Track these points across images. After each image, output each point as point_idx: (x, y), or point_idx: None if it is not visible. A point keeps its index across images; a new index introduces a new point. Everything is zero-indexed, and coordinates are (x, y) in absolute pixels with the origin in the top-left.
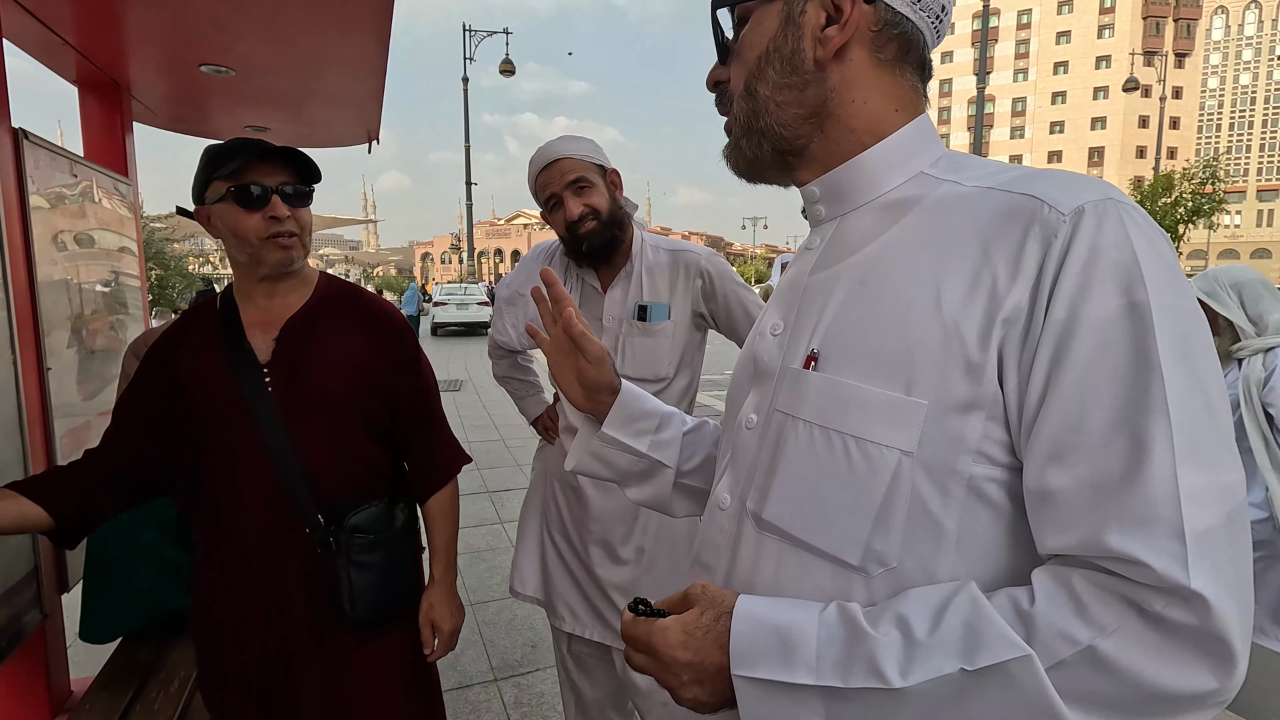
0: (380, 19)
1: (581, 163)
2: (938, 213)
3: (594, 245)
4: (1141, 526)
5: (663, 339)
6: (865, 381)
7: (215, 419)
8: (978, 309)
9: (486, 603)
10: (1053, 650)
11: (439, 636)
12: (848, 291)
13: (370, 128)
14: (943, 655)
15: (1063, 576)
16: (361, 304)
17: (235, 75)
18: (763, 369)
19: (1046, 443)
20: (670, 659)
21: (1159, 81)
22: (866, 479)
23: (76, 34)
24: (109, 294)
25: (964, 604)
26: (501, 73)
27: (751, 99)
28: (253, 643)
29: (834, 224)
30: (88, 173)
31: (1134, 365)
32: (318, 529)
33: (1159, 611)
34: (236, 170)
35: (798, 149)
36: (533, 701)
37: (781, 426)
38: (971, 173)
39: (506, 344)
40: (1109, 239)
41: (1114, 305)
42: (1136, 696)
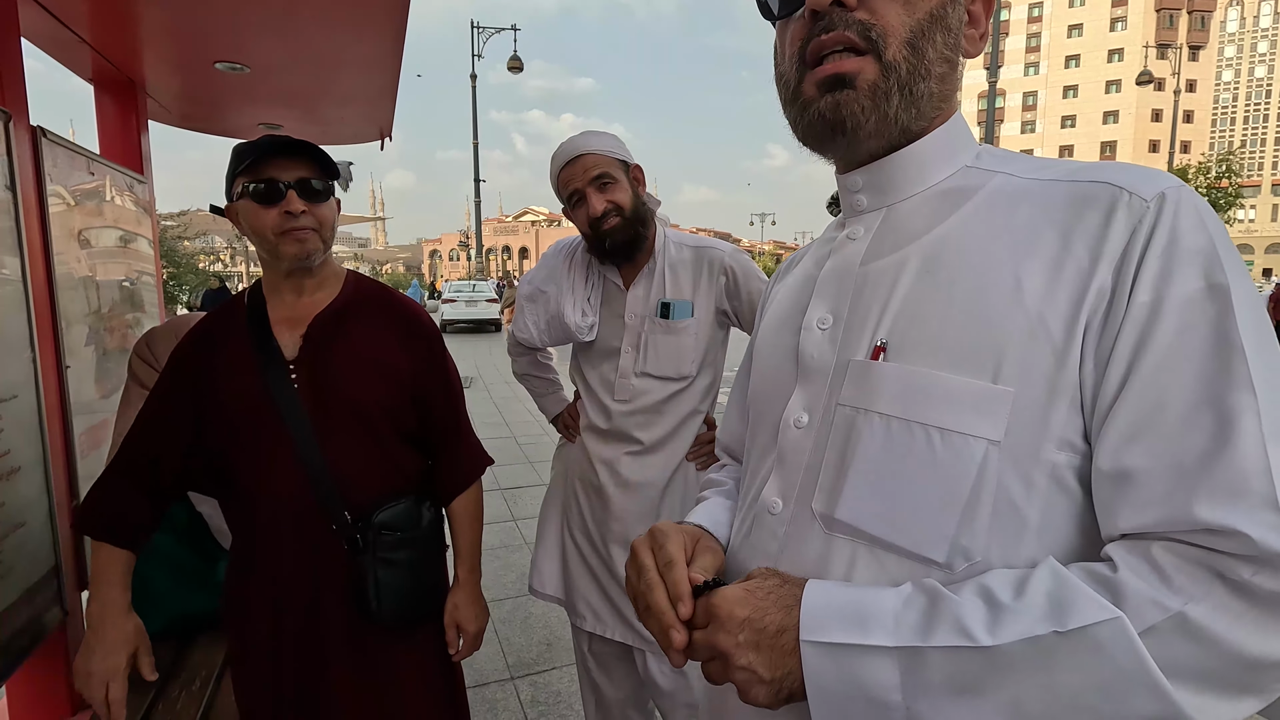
0: (396, 16)
1: (605, 158)
2: (1001, 203)
3: (616, 242)
4: (1234, 497)
5: (686, 337)
6: (947, 370)
7: (243, 414)
8: (1062, 295)
9: (501, 600)
10: (1143, 615)
11: (464, 637)
12: (914, 280)
13: (383, 125)
14: (1032, 618)
15: (1140, 549)
16: (391, 304)
17: (250, 73)
18: (813, 364)
19: (1126, 422)
20: (727, 615)
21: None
22: (952, 471)
23: (93, 32)
24: (126, 292)
25: (1045, 574)
26: (510, 69)
27: (916, 55)
28: (284, 637)
29: (880, 214)
30: (104, 171)
31: (1217, 345)
32: (345, 525)
33: (1247, 580)
34: (253, 166)
35: (919, 130)
36: (550, 700)
37: (850, 422)
38: (1019, 165)
39: (527, 341)
40: (1187, 224)
41: (1196, 287)
42: (1228, 665)
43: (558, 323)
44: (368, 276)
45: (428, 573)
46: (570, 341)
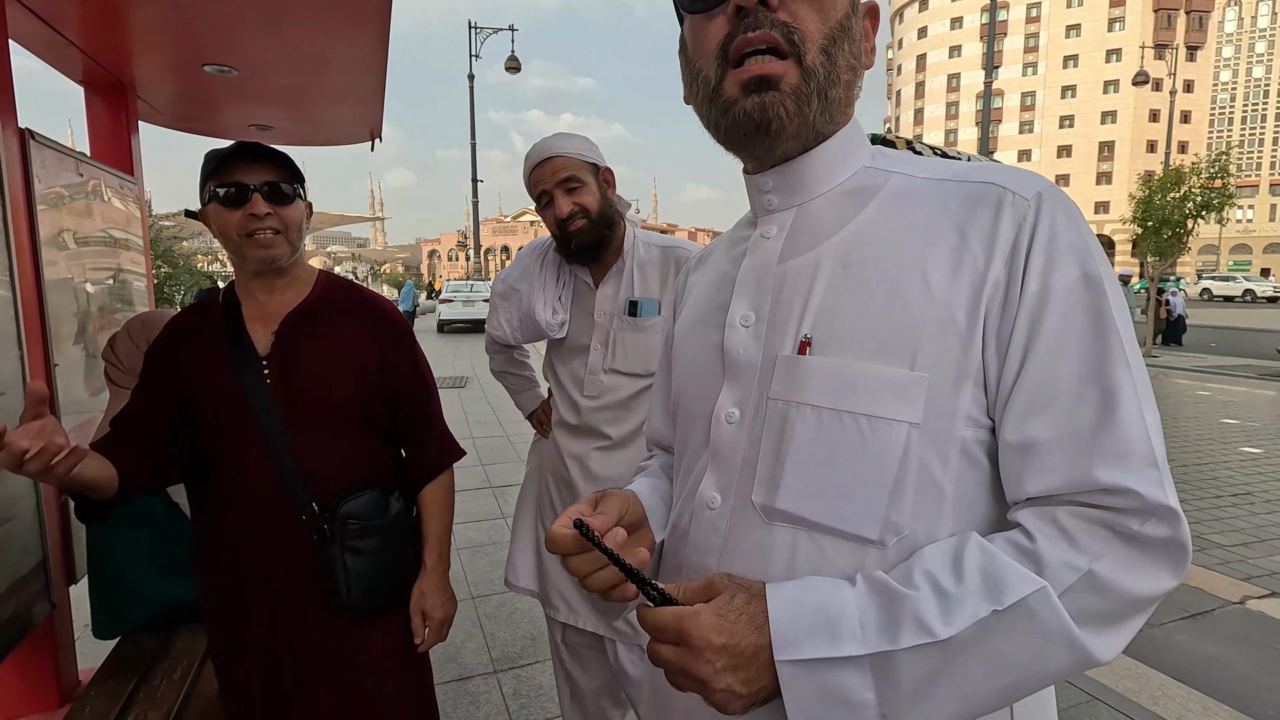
0: (379, 18)
1: (573, 161)
2: (902, 201)
3: (582, 243)
4: (1124, 460)
5: (654, 334)
6: (870, 360)
7: (215, 408)
8: (964, 287)
9: (488, 596)
10: (1061, 578)
11: (429, 625)
12: (831, 276)
13: (373, 125)
14: (975, 600)
15: (1047, 514)
16: (361, 301)
17: (238, 75)
18: (739, 361)
19: (1025, 398)
20: (704, 644)
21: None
22: (880, 454)
23: (82, 35)
24: (115, 292)
25: (975, 553)
26: (507, 70)
27: (829, 61)
28: (259, 625)
29: (790, 213)
30: (94, 172)
31: (1096, 326)
32: (313, 516)
33: (1137, 531)
34: (219, 170)
35: (824, 135)
36: (531, 693)
37: (783, 415)
38: (914, 165)
39: (501, 338)
40: (1062, 220)
41: (1075, 276)
42: (1124, 605)
43: (529, 320)
44: (338, 275)
45: (397, 562)
46: (542, 338)
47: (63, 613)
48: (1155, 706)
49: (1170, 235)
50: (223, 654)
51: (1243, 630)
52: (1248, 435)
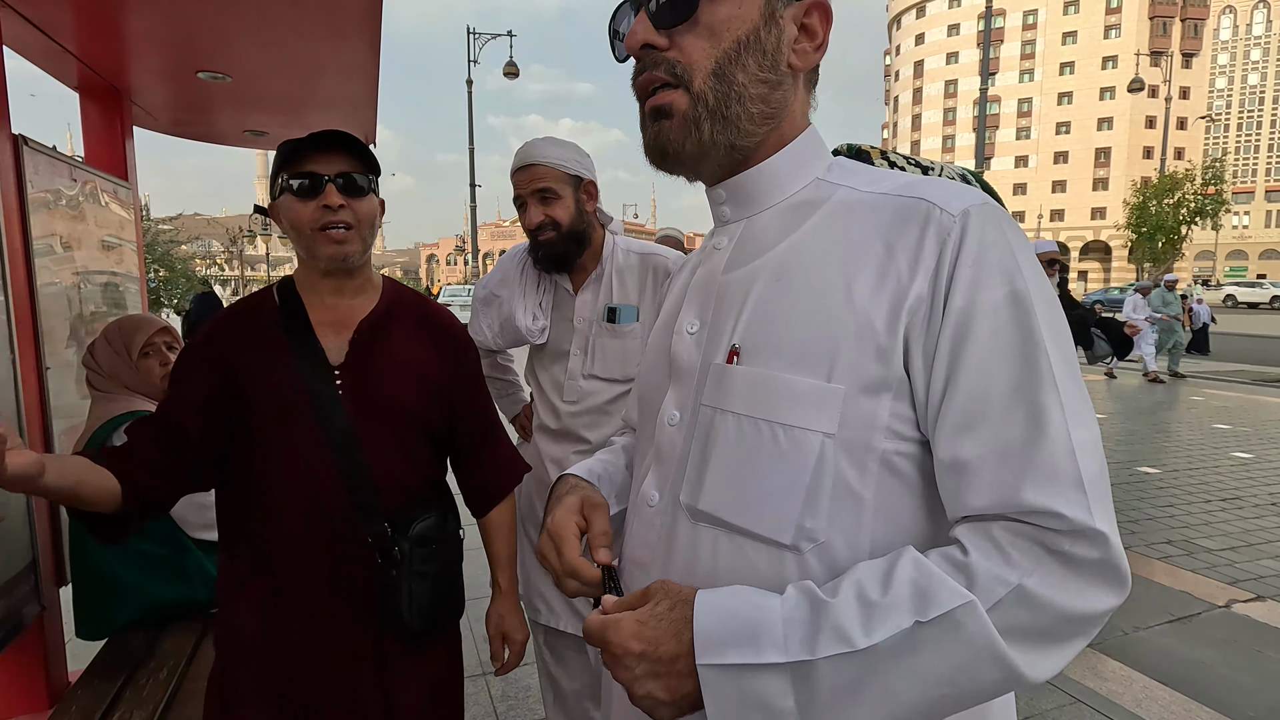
0: (370, 26)
1: (554, 171)
2: (841, 215)
3: (548, 255)
4: (1050, 482)
5: (632, 340)
6: (788, 371)
7: (278, 420)
8: (885, 300)
9: (478, 599)
10: (991, 593)
11: (510, 648)
12: (764, 288)
13: (367, 131)
14: (899, 612)
15: (983, 530)
16: (429, 313)
17: (232, 81)
18: (681, 367)
19: (955, 417)
20: (622, 650)
21: (1165, 82)
22: (794, 462)
23: (77, 42)
24: (108, 295)
25: (908, 565)
26: (505, 75)
27: (724, 83)
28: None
29: (740, 225)
30: (88, 177)
31: (1023, 344)
32: (381, 536)
33: (1067, 550)
34: (293, 159)
35: (748, 146)
36: (519, 695)
37: (710, 420)
38: (863, 178)
39: (482, 343)
40: (990, 237)
41: (1002, 293)
42: (1057, 623)
43: (510, 326)
44: (403, 284)
45: (451, 582)
46: (523, 344)
47: (52, 614)
48: (1139, 709)
49: (1165, 241)
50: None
51: (1228, 634)
52: (1239, 440)
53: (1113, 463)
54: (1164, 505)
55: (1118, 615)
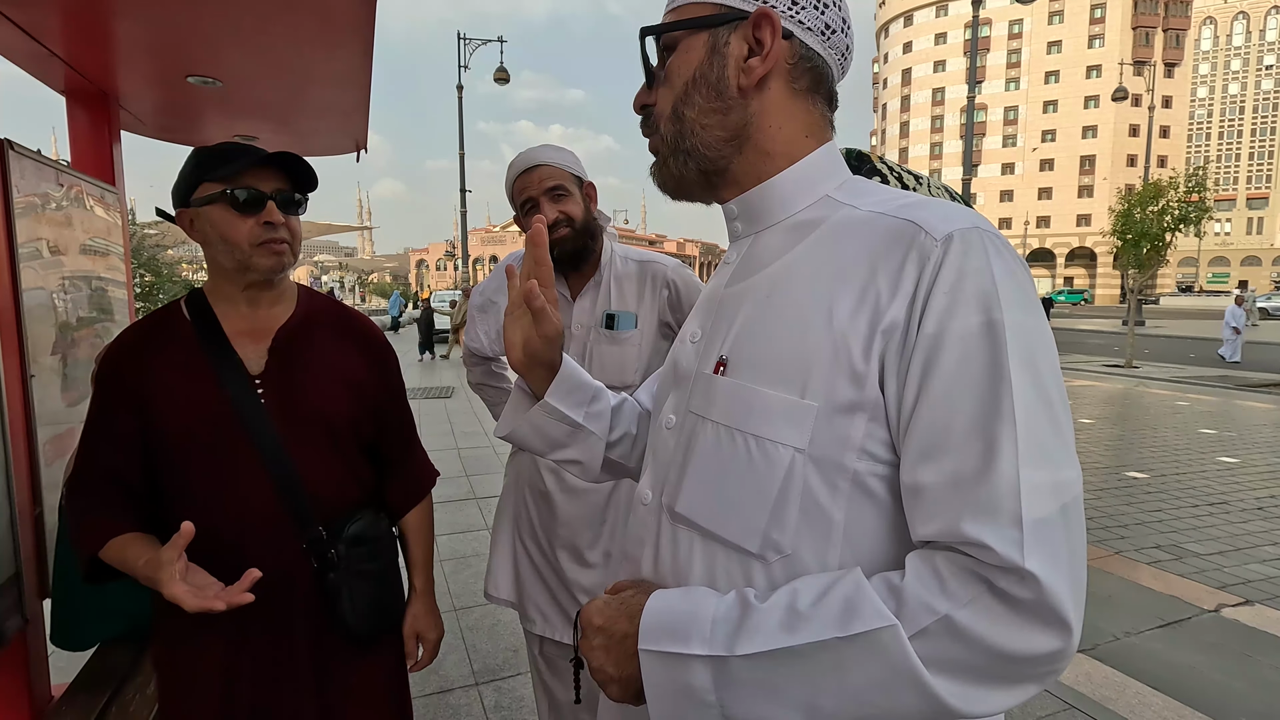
0: (363, 33)
1: (560, 171)
2: (836, 235)
3: (565, 251)
4: (988, 515)
5: (629, 347)
6: (766, 386)
7: (200, 433)
8: (862, 322)
9: (470, 608)
10: (916, 619)
11: (425, 647)
12: (754, 304)
13: (358, 138)
14: (822, 624)
15: (929, 558)
16: (348, 318)
17: (222, 86)
18: (681, 373)
19: (917, 442)
20: (588, 625)
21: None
22: (764, 473)
23: (64, 46)
24: (95, 301)
25: (848, 583)
26: (496, 81)
27: (679, 121)
28: (242, 661)
29: (749, 240)
30: (74, 181)
31: (989, 376)
32: (317, 541)
33: (1003, 588)
34: (234, 174)
35: (719, 169)
36: (513, 705)
37: (694, 426)
38: (869, 199)
39: (479, 350)
40: (973, 263)
41: (975, 322)
42: (988, 660)
43: None
44: (315, 290)
45: (391, 583)
46: None
47: (36, 628)
48: (1132, 715)
49: (1149, 248)
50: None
51: (1217, 638)
52: (1224, 445)
53: (1101, 468)
54: (1152, 510)
55: (1109, 620)
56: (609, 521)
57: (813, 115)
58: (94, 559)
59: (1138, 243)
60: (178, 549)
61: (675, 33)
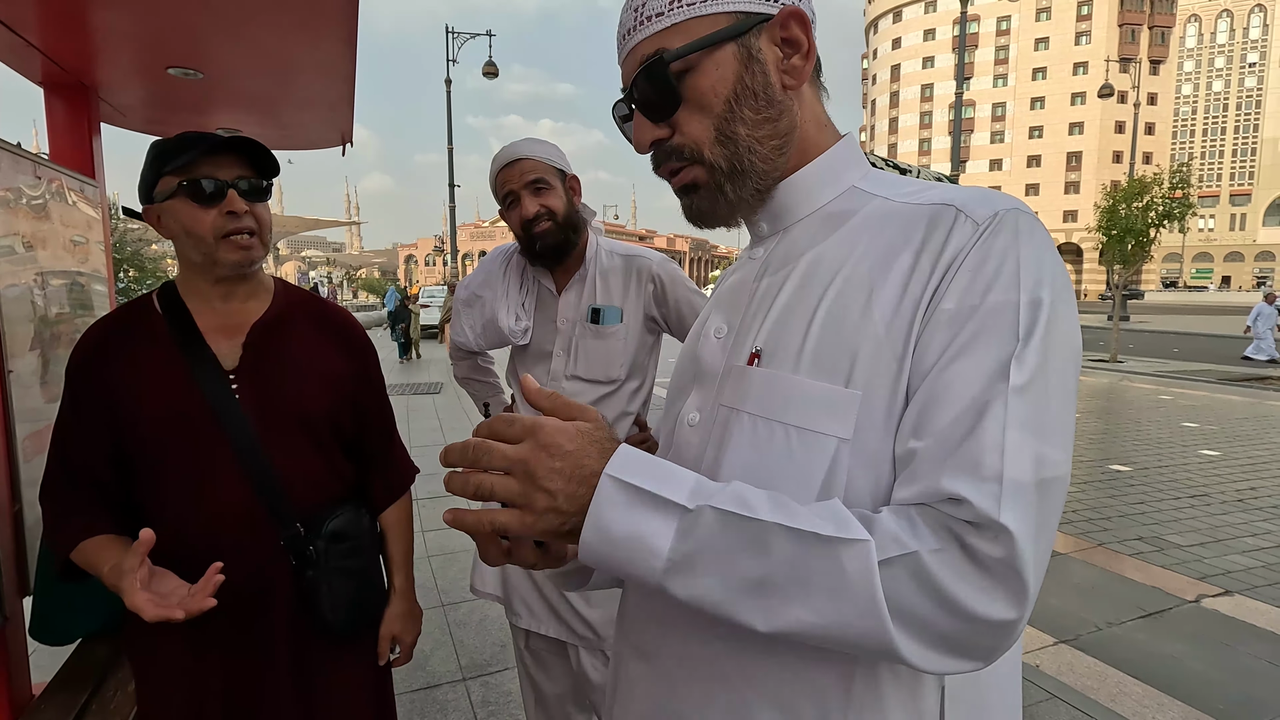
0: (345, 23)
1: (542, 164)
2: (873, 224)
3: (547, 245)
4: (967, 470)
5: (615, 341)
6: (806, 375)
7: (173, 430)
8: (906, 308)
9: (458, 604)
10: (885, 548)
11: (400, 648)
12: (789, 294)
13: (344, 130)
14: (800, 518)
15: (903, 509)
16: (327, 313)
17: (204, 78)
18: (705, 369)
19: (913, 416)
20: (552, 442)
21: (1134, 88)
22: (806, 466)
23: (41, 36)
24: (74, 296)
25: (831, 503)
26: (485, 75)
27: (730, 142)
28: (215, 661)
29: (776, 237)
30: (53, 175)
31: (1001, 354)
32: (295, 538)
33: (973, 543)
34: (189, 164)
35: (772, 183)
36: (500, 700)
37: (726, 420)
38: (899, 189)
39: (464, 344)
40: (999, 244)
41: (992, 301)
42: (942, 613)
43: (493, 327)
44: (294, 284)
45: (372, 579)
46: (505, 345)
47: (15, 626)
48: (1113, 704)
49: (1134, 244)
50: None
51: (1197, 628)
52: (1206, 438)
53: (1085, 460)
54: (1135, 502)
55: (1091, 610)
56: None
57: (821, 105)
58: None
59: (1122, 238)
60: (138, 556)
61: (691, 55)
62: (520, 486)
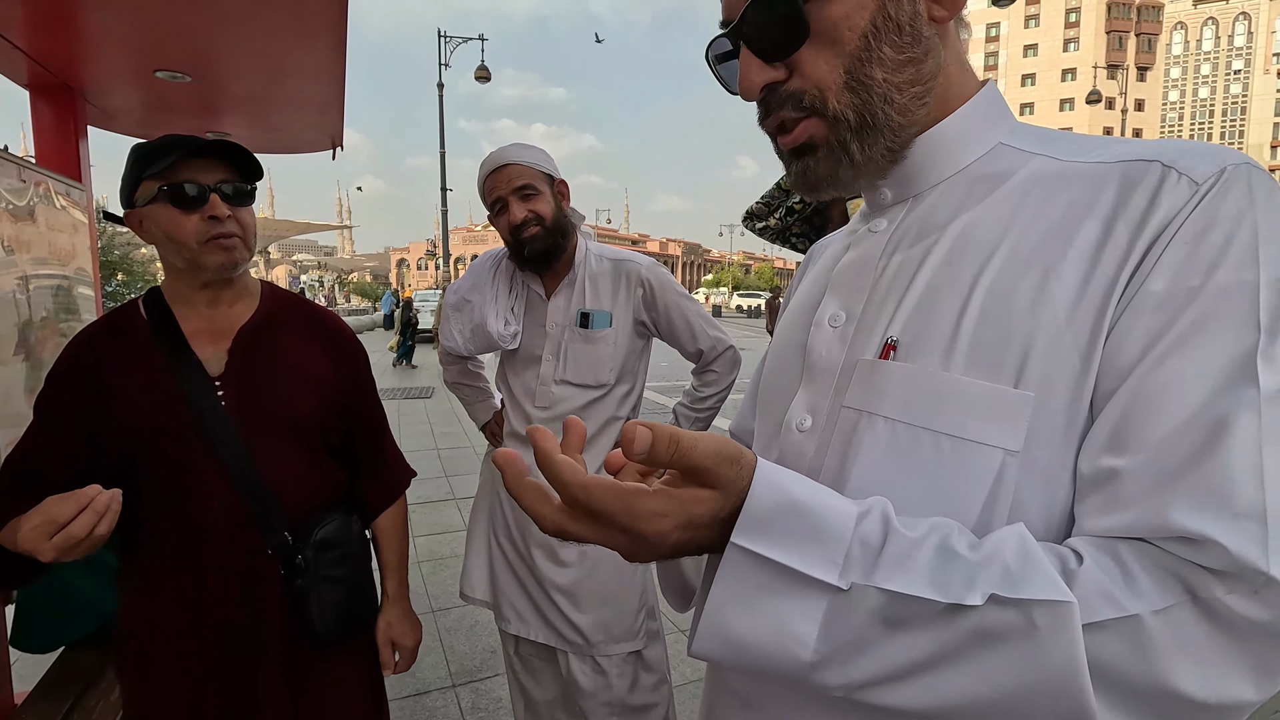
0: (335, 26)
1: (529, 170)
2: (1039, 188)
3: (535, 250)
4: (1214, 502)
5: (604, 346)
6: (961, 373)
7: (158, 436)
8: (1095, 292)
9: (448, 609)
10: (1092, 608)
11: (400, 654)
12: (933, 273)
13: (334, 134)
14: (981, 574)
15: (1108, 546)
16: (316, 317)
17: (192, 81)
18: (820, 364)
19: (1114, 422)
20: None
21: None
22: (963, 483)
23: (27, 38)
24: (60, 300)
25: (1011, 538)
26: (477, 79)
27: (863, 89)
28: (210, 672)
29: (905, 206)
30: (39, 178)
31: (1237, 346)
32: (283, 546)
33: (1219, 599)
34: (169, 168)
35: (908, 138)
36: (490, 706)
37: (853, 425)
38: (1065, 145)
39: (453, 349)
40: (1228, 208)
41: (1221, 281)
42: (1162, 693)
43: (481, 331)
44: (281, 287)
45: (362, 585)
46: (494, 349)
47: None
48: None
49: None
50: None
51: None
52: None
53: None
54: None
55: None
56: None
57: (960, 42)
58: None
59: None
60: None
61: None
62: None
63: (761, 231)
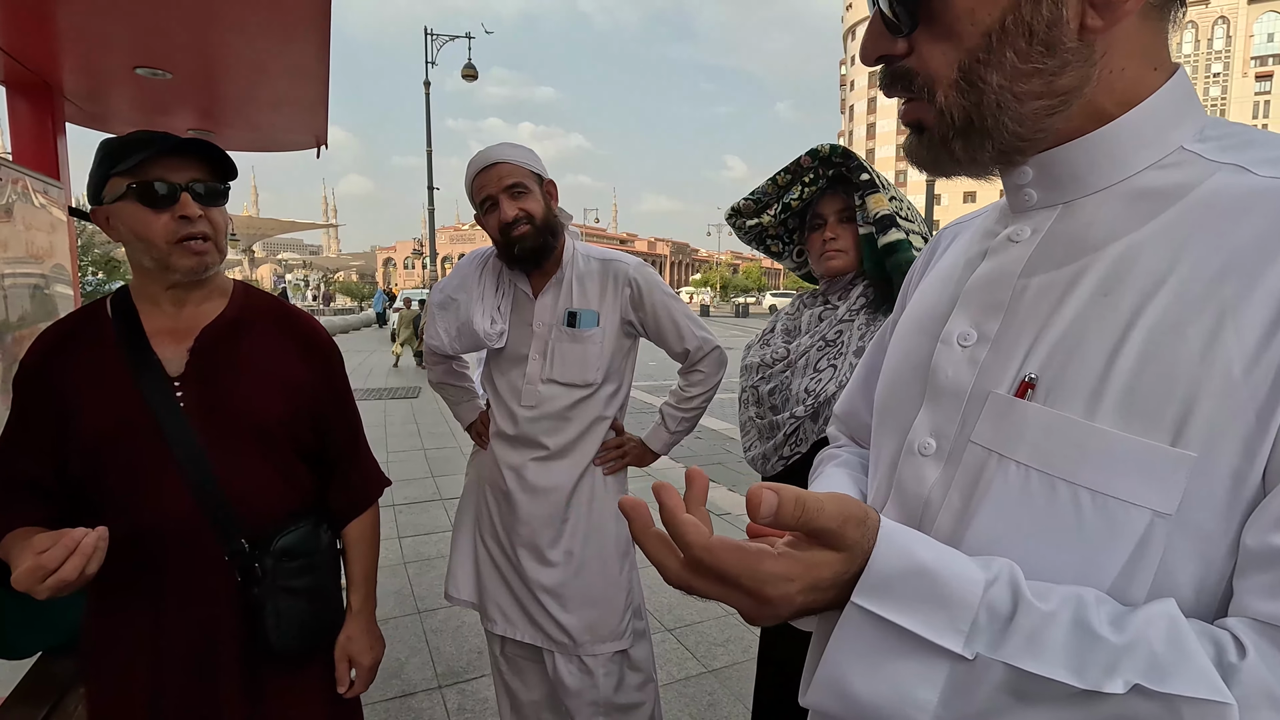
0: (319, 24)
1: (519, 168)
2: (1220, 210)
3: (526, 249)
4: None
5: (591, 345)
6: (1110, 423)
7: (114, 438)
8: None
9: (434, 610)
10: (1254, 711)
11: (358, 671)
12: (1084, 303)
13: (318, 133)
14: (1124, 659)
15: (1273, 634)
16: (288, 316)
17: (172, 79)
18: (946, 385)
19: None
20: (779, 582)
21: None
22: (1103, 542)
23: (2, 34)
24: (37, 300)
25: (1160, 619)
26: (464, 77)
27: (974, 91)
28: (168, 682)
29: (1053, 212)
30: (15, 175)
31: None
32: (240, 553)
33: None
34: (140, 165)
35: (1027, 146)
36: (476, 707)
37: (982, 464)
38: (1256, 153)
39: (439, 348)
40: None
41: None
42: None
43: (468, 330)
44: (256, 287)
45: (328, 599)
46: (480, 349)
47: None
48: None
49: None
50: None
51: None
52: None
53: None
54: None
55: None
56: (570, 520)
57: (1161, 38)
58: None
59: None
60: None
61: None
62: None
63: (741, 228)
